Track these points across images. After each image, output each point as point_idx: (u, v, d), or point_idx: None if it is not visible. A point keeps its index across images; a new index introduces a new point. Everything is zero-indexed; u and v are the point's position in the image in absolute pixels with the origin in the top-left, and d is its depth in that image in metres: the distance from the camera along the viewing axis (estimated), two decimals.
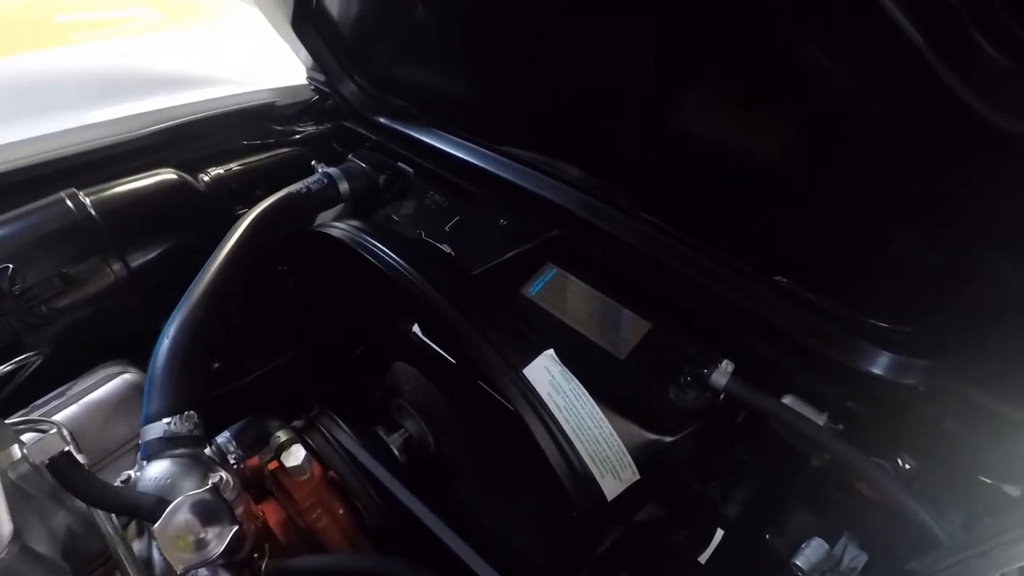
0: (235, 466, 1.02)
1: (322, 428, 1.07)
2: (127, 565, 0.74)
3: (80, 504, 0.82)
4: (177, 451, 0.87)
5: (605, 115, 1.07)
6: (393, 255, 0.98)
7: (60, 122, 1.41)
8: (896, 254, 0.76)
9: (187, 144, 1.52)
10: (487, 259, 1.07)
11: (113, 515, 0.80)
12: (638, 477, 0.86)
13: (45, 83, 1.59)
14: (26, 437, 0.79)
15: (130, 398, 1.06)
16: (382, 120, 1.46)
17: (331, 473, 1.04)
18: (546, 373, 0.86)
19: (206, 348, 0.99)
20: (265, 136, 1.61)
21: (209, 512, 0.70)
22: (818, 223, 0.84)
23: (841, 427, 0.83)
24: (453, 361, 1.09)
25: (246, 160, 1.49)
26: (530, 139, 1.22)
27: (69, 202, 1.19)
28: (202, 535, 0.69)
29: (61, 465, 0.70)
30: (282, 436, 1.03)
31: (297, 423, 1.10)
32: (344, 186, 1.30)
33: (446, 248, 1.12)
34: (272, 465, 1.02)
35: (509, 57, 1.14)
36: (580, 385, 0.86)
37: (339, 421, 1.08)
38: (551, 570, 0.96)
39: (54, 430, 0.74)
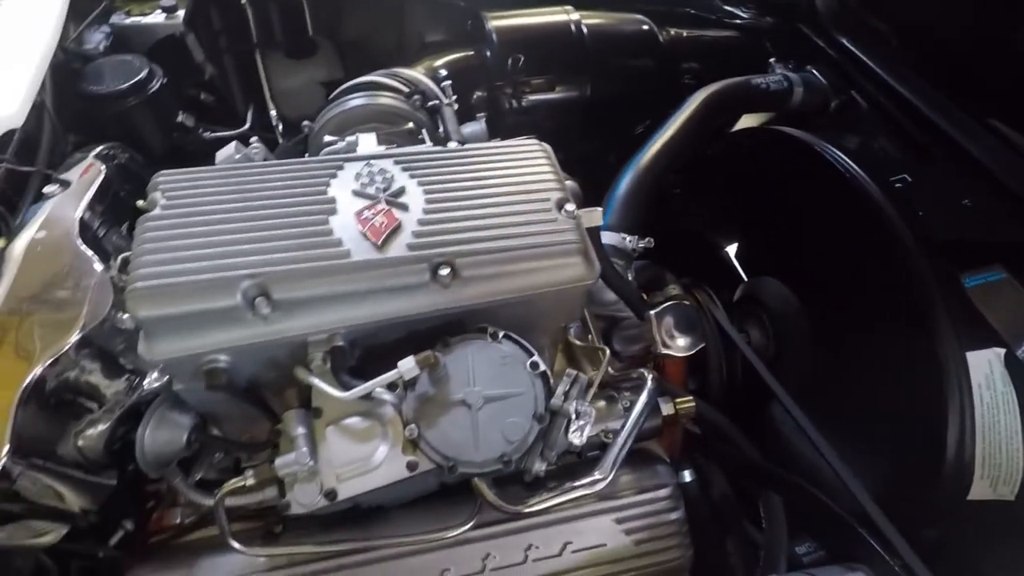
0: None
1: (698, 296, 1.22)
2: (591, 329, 0.97)
3: None
4: (621, 262, 1.07)
5: None
6: (870, 182, 1.02)
7: None
8: None
9: None
10: (939, 231, 1.06)
11: None
12: (1011, 499, 0.89)
13: None
14: None
15: None
16: (846, 40, 1.41)
17: None
18: (987, 366, 0.89)
19: (656, 193, 1.16)
20: (709, 10, 1.63)
21: (687, 324, 0.88)
22: None
23: None
24: None
25: (693, 32, 1.55)
26: None
27: (568, 16, 1.38)
28: (674, 337, 0.88)
29: (597, 235, 0.90)
30: (675, 289, 1.19)
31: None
32: (798, 96, 1.32)
33: None
34: None
35: None
36: (1014, 394, 0.88)
37: (713, 296, 1.22)
38: None
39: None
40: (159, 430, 0.84)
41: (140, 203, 1.05)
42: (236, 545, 0.76)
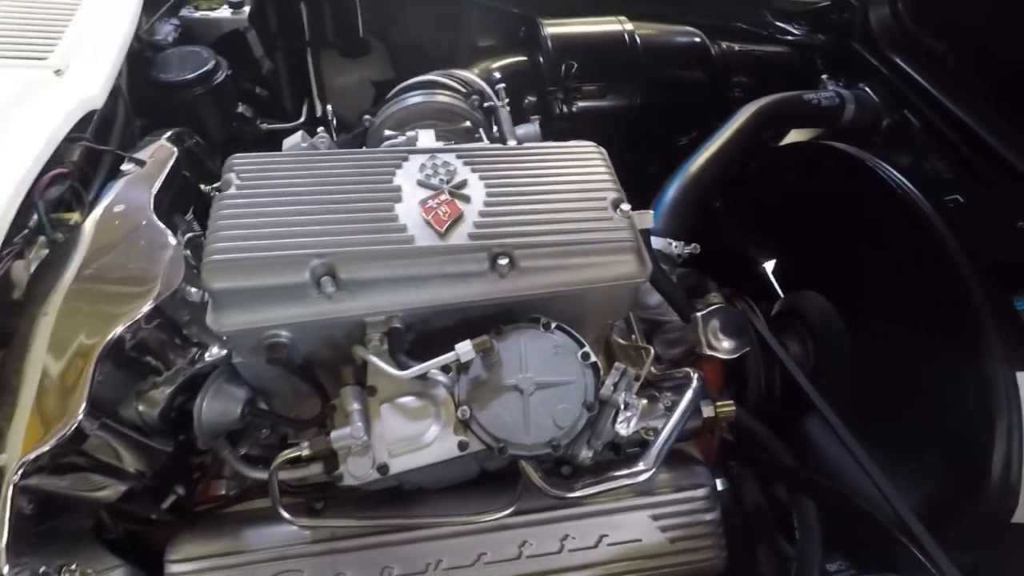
0: None
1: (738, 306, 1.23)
2: (635, 329, 0.99)
3: None
4: (665, 267, 1.08)
5: None
6: (922, 199, 1.02)
7: None
8: None
9: (695, 8, 1.62)
10: (992, 252, 1.05)
11: None
12: None
13: None
14: None
15: None
16: (900, 60, 1.40)
17: None
18: None
19: (703, 202, 1.17)
20: (760, 26, 1.64)
21: (733, 329, 0.89)
22: None
23: None
24: None
25: (745, 46, 1.57)
26: None
27: (622, 26, 1.41)
28: (720, 340, 0.89)
29: (646, 237, 0.92)
30: (716, 297, 1.19)
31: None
32: (850, 113, 1.33)
33: None
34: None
35: None
36: None
37: (754, 306, 1.22)
38: None
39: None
40: (215, 401, 0.87)
41: (204, 187, 1.10)
42: (285, 514, 0.79)
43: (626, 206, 0.82)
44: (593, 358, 0.76)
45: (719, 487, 1.08)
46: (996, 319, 0.91)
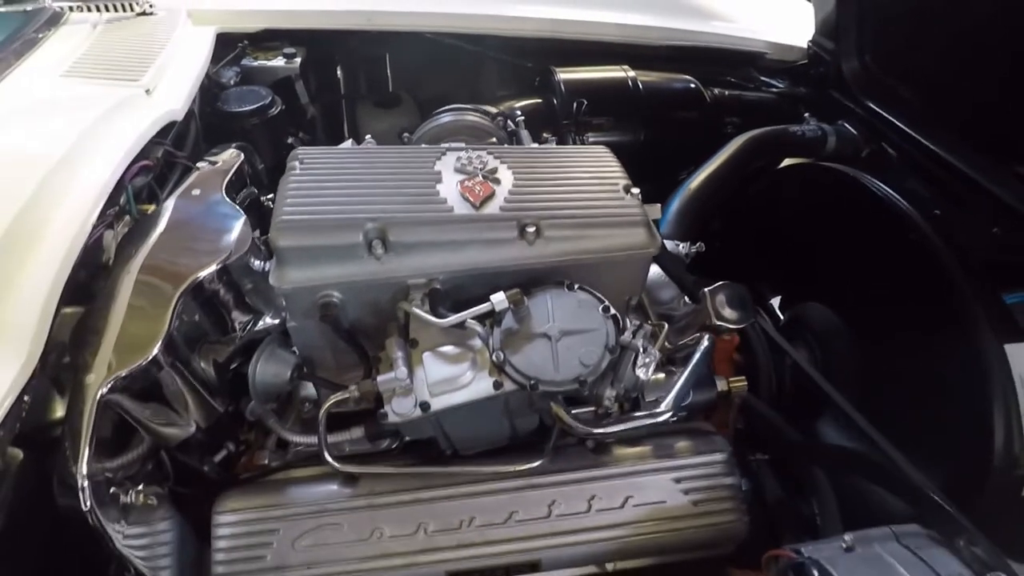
0: None
1: None
2: (649, 314, 1.07)
3: None
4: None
5: None
6: (910, 207, 1.14)
7: (619, 16, 1.82)
8: None
9: (688, 64, 1.83)
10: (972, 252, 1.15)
11: None
12: None
13: None
14: None
15: None
16: (872, 103, 1.57)
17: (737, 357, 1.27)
18: None
19: (704, 213, 1.29)
20: (745, 79, 1.84)
21: (739, 302, 0.98)
22: None
23: None
24: None
25: (735, 92, 1.76)
26: None
27: (625, 73, 1.60)
28: (726, 311, 0.97)
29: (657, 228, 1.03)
30: None
31: None
32: (832, 144, 1.48)
33: None
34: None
35: None
36: None
37: (761, 311, 1.31)
38: None
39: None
40: (268, 363, 0.95)
41: (264, 199, 1.23)
42: (328, 457, 0.85)
43: (635, 189, 0.94)
44: (613, 311, 0.85)
45: (743, 487, 1.12)
46: (981, 299, 0.99)
